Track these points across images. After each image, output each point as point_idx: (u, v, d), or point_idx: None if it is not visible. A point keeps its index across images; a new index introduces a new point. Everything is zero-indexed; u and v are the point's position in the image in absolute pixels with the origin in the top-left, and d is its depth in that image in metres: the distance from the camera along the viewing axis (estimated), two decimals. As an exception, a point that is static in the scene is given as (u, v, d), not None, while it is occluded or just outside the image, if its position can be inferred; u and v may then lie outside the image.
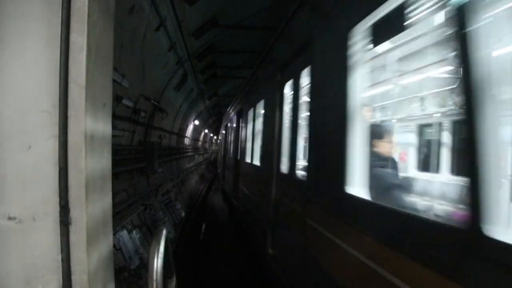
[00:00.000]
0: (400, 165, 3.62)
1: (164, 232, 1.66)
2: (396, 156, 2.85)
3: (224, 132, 15.00)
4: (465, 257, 1.19)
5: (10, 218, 1.41)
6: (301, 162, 3.51)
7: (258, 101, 5.83)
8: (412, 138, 5.22)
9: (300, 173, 3.30)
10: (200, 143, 26.80)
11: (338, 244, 2.09)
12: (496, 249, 1.06)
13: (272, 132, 4.24)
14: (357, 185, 2.00)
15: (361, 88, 2.08)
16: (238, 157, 8.55)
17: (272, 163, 4.14)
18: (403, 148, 5.09)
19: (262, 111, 5.37)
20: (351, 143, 2.04)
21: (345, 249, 2.01)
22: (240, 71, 13.43)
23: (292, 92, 3.57)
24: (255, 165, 5.87)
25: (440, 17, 1.73)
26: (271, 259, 4.01)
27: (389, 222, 1.65)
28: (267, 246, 4.15)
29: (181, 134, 15.36)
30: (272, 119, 4.33)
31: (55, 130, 1.42)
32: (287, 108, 3.88)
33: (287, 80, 3.78)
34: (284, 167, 3.75)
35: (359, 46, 2.06)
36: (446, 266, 1.26)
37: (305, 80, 3.15)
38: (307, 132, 2.98)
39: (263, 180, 4.69)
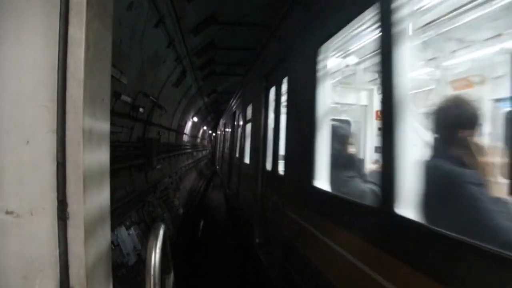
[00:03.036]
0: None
1: (162, 227, 1.66)
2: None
3: (222, 130, 15.01)
4: None
5: (7, 213, 1.41)
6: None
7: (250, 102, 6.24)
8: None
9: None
10: (199, 140, 26.76)
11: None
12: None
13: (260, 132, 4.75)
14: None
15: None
16: (234, 156, 8.71)
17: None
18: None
19: (250, 112, 5.93)
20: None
21: None
22: (239, 68, 13.37)
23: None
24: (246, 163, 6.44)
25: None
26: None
27: None
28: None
29: (179, 131, 15.34)
30: (258, 120, 4.88)
31: (53, 124, 1.41)
32: (271, 110, 4.39)
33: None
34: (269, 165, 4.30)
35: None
36: None
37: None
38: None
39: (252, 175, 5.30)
